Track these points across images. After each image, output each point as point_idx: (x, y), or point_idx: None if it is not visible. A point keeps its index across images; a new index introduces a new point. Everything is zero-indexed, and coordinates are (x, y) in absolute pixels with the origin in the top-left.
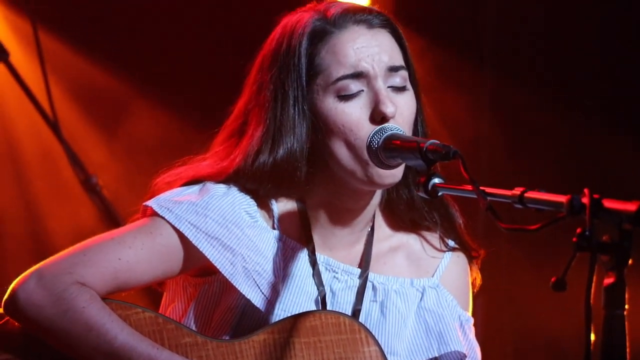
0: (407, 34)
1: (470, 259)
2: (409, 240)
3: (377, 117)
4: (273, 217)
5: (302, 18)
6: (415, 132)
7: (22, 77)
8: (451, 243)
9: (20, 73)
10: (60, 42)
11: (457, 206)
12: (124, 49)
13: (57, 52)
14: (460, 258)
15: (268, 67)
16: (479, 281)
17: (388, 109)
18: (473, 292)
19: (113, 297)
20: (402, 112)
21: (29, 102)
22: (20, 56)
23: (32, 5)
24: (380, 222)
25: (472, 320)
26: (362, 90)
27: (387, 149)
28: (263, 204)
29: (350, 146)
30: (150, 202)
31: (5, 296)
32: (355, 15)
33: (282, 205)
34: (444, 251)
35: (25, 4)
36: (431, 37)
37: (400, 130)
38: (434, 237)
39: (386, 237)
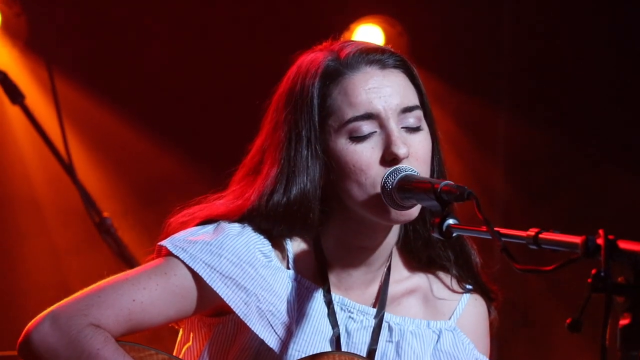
0: (420, 76)
1: (489, 301)
2: (426, 281)
3: (389, 157)
4: (287, 256)
5: (316, 58)
6: (431, 171)
7: (38, 119)
8: (469, 285)
9: (35, 116)
10: (75, 85)
11: (475, 245)
12: (136, 93)
13: (71, 95)
14: (477, 301)
15: (283, 107)
16: (496, 324)
17: (400, 150)
18: (490, 335)
19: (127, 338)
20: (416, 152)
21: (44, 144)
22: (35, 99)
23: (47, 49)
24: (397, 262)
25: None
26: (375, 132)
27: (402, 190)
28: (277, 244)
29: (362, 186)
30: (165, 242)
31: (20, 338)
32: (368, 55)
33: (297, 245)
34: (461, 293)
35: (40, 48)
36: (445, 80)
37: (415, 171)
38: (451, 278)
39: (403, 278)
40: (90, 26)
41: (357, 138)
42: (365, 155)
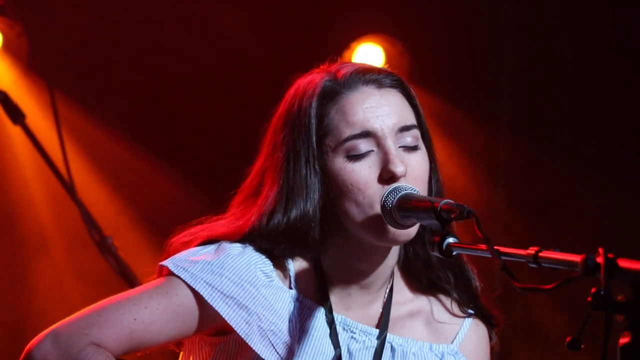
0: (421, 96)
1: (490, 326)
2: (428, 304)
3: (386, 176)
4: (289, 276)
5: (313, 79)
6: (429, 191)
7: (38, 139)
8: (470, 309)
9: (36, 135)
10: (76, 105)
11: (476, 269)
12: (136, 114)
13: (72, 116)
14: (479, 326)
15: (281, 128)
16: (496, 349)
17: (397, 168)
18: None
19: (128, 357)
20: (413, 171)
21: (44, 164)
22: (36, 119)
23: (48, 70)
24: (400, 284)
25: None
26: (372, 151)
27: (401, 209)
28: (279, 264)
29: (360, 205)
30: (166, 262)
31: (21, 357)
32: (365, 75)
33: (298, 265)
34: (463, 317)
35: (41, 68)
36: (445, 99)
37: (415, 190)
38: (452, 302)
39: (406, 301)
40: (91, 47)
41: (354, 157)
42: (362, 174)
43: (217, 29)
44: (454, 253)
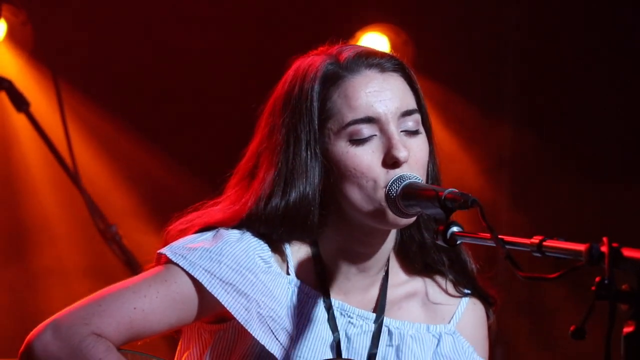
0: (425, 86)
1: (487, 305)
2: (424, 286)
3: (390, 161)
4: (287, 262)
5: (314, 61)
6: (427, 175)
7: (43, 127)
8: (466, 289)
9: (40, 123)
10: (80, 94)
11: (470, 252)
12: (140, 102)
13: (76, 104)
14: (476, 305)
15: (280, 111)
16: (494, 327)
17: (401, 153)
18: (490, 339)
19: (128, 347)
20: (415, 155)
21: (49, 152)
22: (40, 107)
23: (53, 58)
24: (395, 267)
25: None
26: (375, 135)
27: (406, 198)
28: (277, 249)
29: (363, 189)
30: (164, 250)
31: (22, 348)
32: (368, 59)
33: (296, 250)
34: (459, 297)
35: (46, 56)
36: (450, 88)
37: (419, 179)
38: (448, 283)
39: (401, 283)
40: (95, 35)
41: (357, 141)
42: (366, 159)
43: (219, 18)
44: (458, 242)
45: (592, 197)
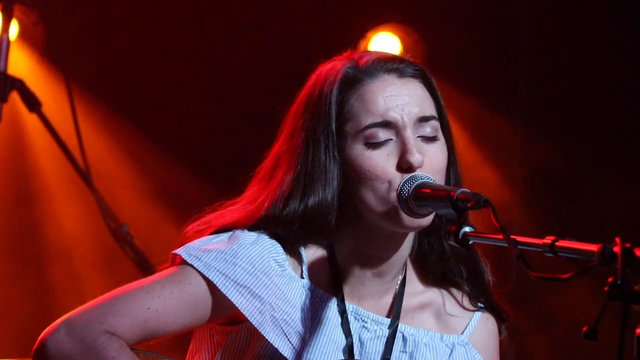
0: (437, 85)
1: (500, 321)
2: (439, 297)
3: (404, 165)
4: (302, 265)
5: (335, 66)
6: (447, 182)
7: (54, 127)
8: (480, 303)
9: (52, 123)
10: (91, 95)
11: (489, 265)
12: (152, 102)
13: (87, 104)
14: (489, 320)
15: (301, 113)
16: (506, 343)
17: (415, 158)
18: (501, 354)
19: (140, 346)
20: (431, 161)
21: (60, 152)
22: (52, 107)
23: (64, 58)
24: (412, 276)
25: None
26: (391, 139)
27: (418, 198)
28: (292, 252)
29: (376, 192)
30: (180, 251)
31: (35, 345)
32: (387, 64)
33: (312, 253)
34: (473, 311)
35: (57, 57)
36: (461, 89)
37: (431, 179)
38: (463, 295)
39: (417, 292)
40: (107, 36)
41: (373, 144)
42: (380, 162)
43: (231, 19)
44: (470, 242)
45: (609, 193)
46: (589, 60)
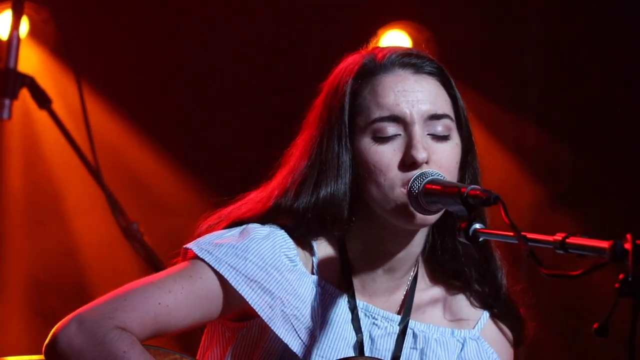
0: None
1: (512, 320)
2: (450, 293)
3: (408, 161)
4: (313, 261)
5: (355, 58)
6: (461, 182)
7: (64, 124)
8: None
9: (62, 120)
10: (101, 90)
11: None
12: (162, 99)
13: (97, 100)
14: (498, 321)
15: (321, 103)
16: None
17: (419, 154)
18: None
19: (151, 342)
20: (439, 159)
21: (70, 149)
22: (62, 104)
23: (75, 56)
24: (422, 272)
25: None
26: (399, 135)
27: (428, 194)
28: (303, 246)
29: (380, 187)
30: (191, 245)
31: (46, 340)
32: (404, 58)
33: (322, 248)
34: (483, 309)
35: (68, 54)
36: (471, 87)
37: (441, 176)
38: (474, 294)
39: (427, 288)
40: (118, 33)
41: (381, 139)
42: (386, 157)
43: (241, 17)
44: (481, 239)
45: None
46: (604, 59)
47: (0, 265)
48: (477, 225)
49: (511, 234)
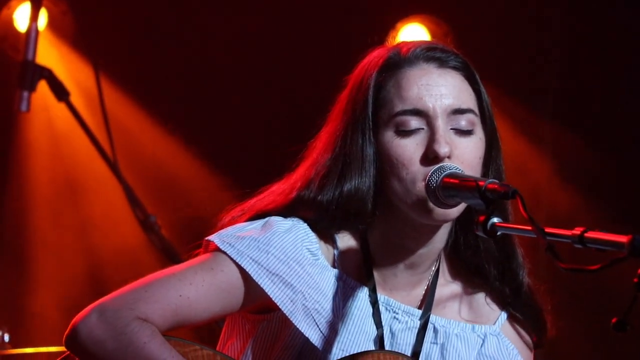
0: None
1: (533, 323)
2: (471, 289)
3: (430, 155)
4: (334, 254)
5: (381, 52)
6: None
7: (82, 116)
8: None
9: (80, 112)
10: (119, 83)
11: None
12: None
13: (116, 92)
14: (517, 318)
15: (346, 96)
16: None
17: (442, 148)
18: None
19: (171, 333)
20: (462, 154)
21: (88, 142)
22: (80, 96)
23: (93, 48)
24: (444, 268)
25: None
26: (422, 129)
27: (446, 188)
28: (325, 240)
29: (402, 181)
30: (213, 237)
31: (67, 331)
32: (428, 52)
33: (344, 242)
34: (502, 307)
35: (86, 46)
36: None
37: (459, 170)
38: (495, 290)
39: (448, 283)
40: (136, 25)
41: (403, 132)
42: (408, 150)
43: (266, 10)
44: (499, 233)
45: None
46: (621, 56)
47: (32, 258)
48: (495, 219)
49: (530, 228)
